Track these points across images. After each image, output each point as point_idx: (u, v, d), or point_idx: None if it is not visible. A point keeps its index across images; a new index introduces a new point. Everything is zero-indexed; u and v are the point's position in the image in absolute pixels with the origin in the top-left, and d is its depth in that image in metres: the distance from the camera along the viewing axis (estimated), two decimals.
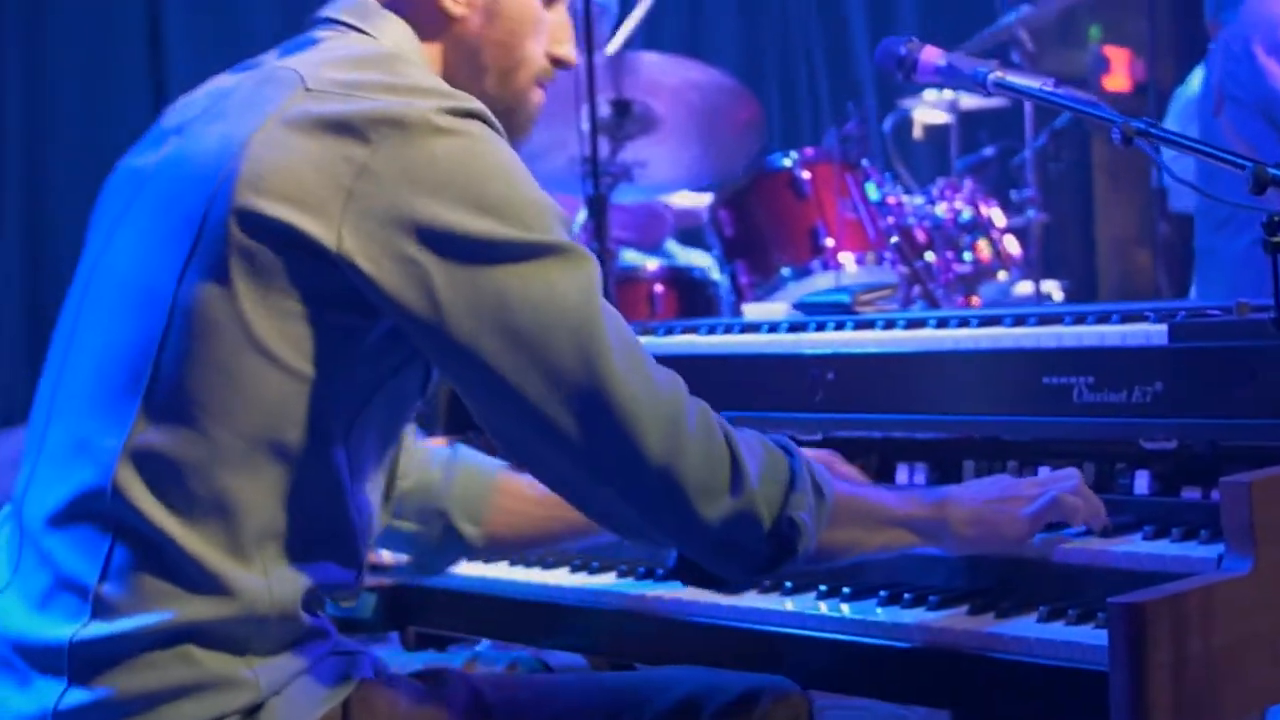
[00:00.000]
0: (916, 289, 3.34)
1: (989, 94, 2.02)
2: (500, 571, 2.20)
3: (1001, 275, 4.18)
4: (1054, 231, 4.77)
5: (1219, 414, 1.79)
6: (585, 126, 3.64)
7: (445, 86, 1.59)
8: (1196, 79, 5.34)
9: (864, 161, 3.88)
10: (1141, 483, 1.89)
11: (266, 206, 1.49)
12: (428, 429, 4.52)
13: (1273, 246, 1.64)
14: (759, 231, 3.83)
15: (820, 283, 3.71)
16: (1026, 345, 1.98)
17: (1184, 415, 1.81)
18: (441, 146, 1.51)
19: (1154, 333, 1.86)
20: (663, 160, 4.06)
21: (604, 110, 3.77)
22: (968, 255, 4.06)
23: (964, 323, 2.12)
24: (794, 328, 2.31)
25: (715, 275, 3.89)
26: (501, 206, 1.51)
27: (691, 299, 3.79)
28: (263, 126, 1.53)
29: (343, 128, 1.51)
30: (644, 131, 3.96)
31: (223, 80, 1.69)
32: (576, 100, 3.63)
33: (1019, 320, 2.06)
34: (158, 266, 1.54)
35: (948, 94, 4.74)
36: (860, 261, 3.77)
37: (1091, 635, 1.62)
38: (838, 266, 3.74)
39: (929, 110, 4.93)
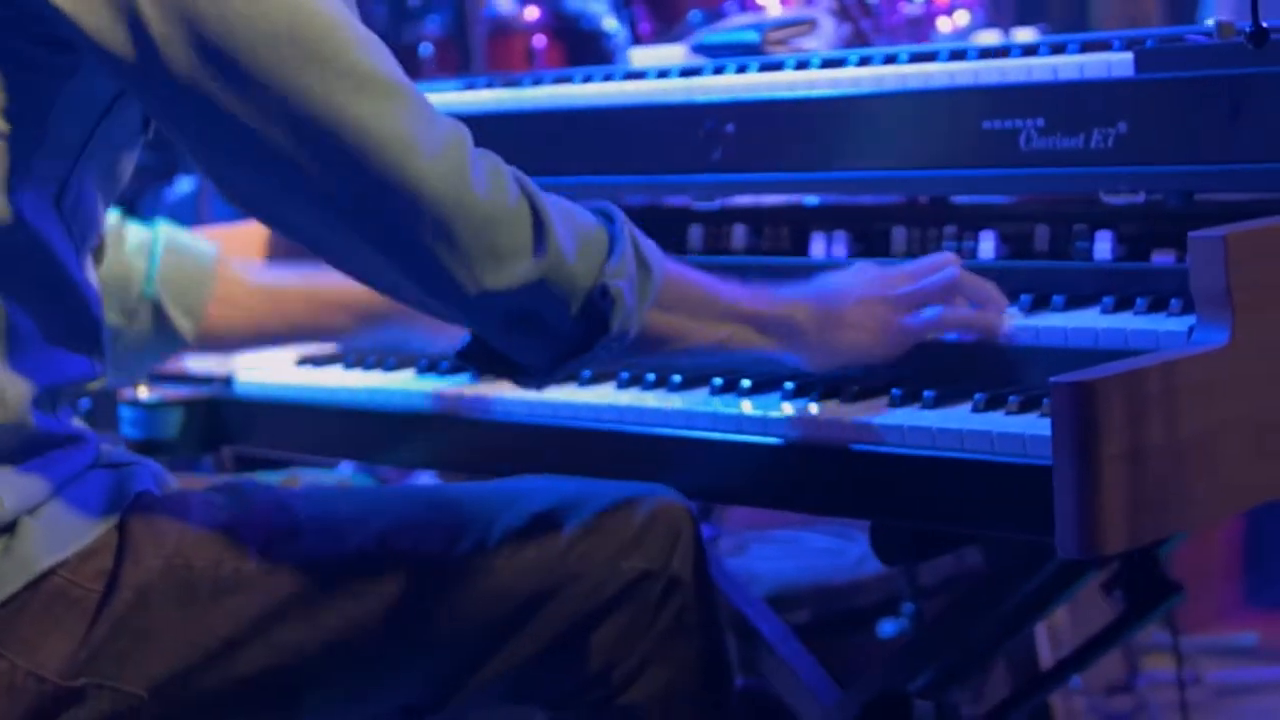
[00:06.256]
0: (848, 27, 3.13)
1: None
2: (333, 378, 2.05)
3: (960, 17, 3.97)
4: None
5: (1196, 159, 1.65)
6: None
7: None
8: None
9: None
10: (1103, 246, 1.77)
11: None
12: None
13: None
14: None
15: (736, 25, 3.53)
16: (963, 83, 1.83)
17: (1153, 162, 1.67)
18: None
19: (1117, 63, 1.71)
20: None
21: None
22: None
23: (890, 59, 1.96)
24: (687, 73, 2.14)
25: (610, 24, 3.68)
26: None
27: (581, 53, 3.56)
28: None
29: None
30: None
31: None
32: None
33: (957, 55, 1.90)
34: None
35: None
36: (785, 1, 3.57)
37: (1035, 425, 1.50)
38: (757, 8, 3.54)
39: None
